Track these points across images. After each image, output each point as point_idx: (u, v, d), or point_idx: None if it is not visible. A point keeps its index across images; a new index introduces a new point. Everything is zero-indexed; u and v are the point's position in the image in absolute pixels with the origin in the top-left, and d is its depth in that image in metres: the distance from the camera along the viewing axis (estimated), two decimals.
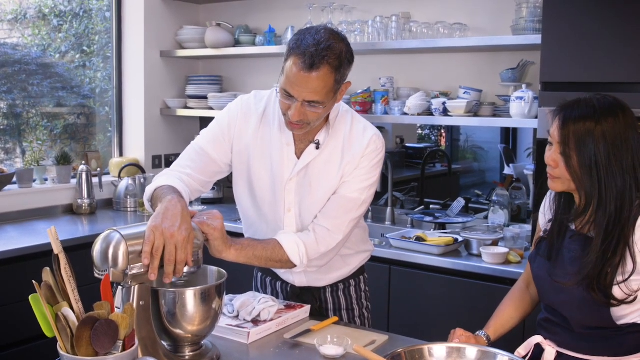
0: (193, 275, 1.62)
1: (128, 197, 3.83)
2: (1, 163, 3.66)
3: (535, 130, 2.87)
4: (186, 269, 1.54)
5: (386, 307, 2.90)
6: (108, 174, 4.06)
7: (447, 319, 2.73)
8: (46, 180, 3.67)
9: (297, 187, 1.88)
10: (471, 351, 1.51)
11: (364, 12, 3.58)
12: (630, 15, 2.39)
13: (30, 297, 1.30)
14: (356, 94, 3.43)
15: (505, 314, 1.80)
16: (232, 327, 1.77)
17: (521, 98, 2.88)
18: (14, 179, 3.47)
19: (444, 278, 2.76)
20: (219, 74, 4.25)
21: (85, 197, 3.66)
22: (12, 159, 3.76)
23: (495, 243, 2.82)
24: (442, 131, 3.82)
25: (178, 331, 1.56)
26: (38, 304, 1.30)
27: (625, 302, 1.52)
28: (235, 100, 1.96)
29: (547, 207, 1.76)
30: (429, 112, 3.24)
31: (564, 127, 1.56)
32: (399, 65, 3.56)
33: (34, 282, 1.30)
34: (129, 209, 3.82)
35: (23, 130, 3.77)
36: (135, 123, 4.09)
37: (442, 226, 3.25)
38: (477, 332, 1.75)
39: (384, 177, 3.46)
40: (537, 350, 1.70)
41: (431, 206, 3.55)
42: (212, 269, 1.71)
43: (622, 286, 1.52)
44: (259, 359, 1.67)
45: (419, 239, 2.90)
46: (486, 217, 3.26)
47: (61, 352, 1.27)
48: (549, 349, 1.66)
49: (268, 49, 3.73)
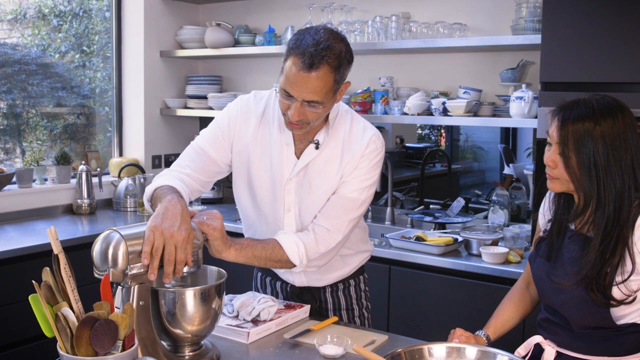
0: (193, 275, 1.62)
1: (128, 197, 3.83)
2: (1, 163, 3.65)
3: (535, 130, 2.87)
4: (186, 269, 1.54)
5: (386, 307, 2.90)
6: (108, 174, 4.07)
7: (446, 318, 2.73)
8: (46, 180, 3.67)
9: (297, 187, 1.88)
10: (471, 351, 1.51)
11: (364, 12, 3.58)
12: (630, 15, 2.39)
13: (30, 297, 1.30)
14: (356, 93, 3.43)
15: (505, 314, 1.80)
16: (232, 327, 1.77)
17: (521, 98, 2.88)
18: (14, 179, 3.47)
19: (444, 278, 2.76)
20: (219, 74, 4.25)
21: (85, 197, 3.66)
22: (12, 159, 3.76)
23: (495, 243, 2.82)
24: (442, 131, 3.82)
25: (178, 331, 1.56)
26: (38, 304, 1.30)
27: (625, 302, 1.52)
28: (235, 100, 1.96)
29: (546, 207, 1.76)
30: (428, 112, 3.24)
31: (562, 128, 1.55)
32: (398, 65, 3.56)
33: (33, 282, 1.30)
34: (128, 209, 3.82)
35: (23, 130, 3.77)
36: (135, 123, 4.10)
37: (441, 226, 3.25)
38: (477, 332, 1.75)
39: (384, 177, 3.46)
40: (536, 350, 1.70)
41: (431, 206, 3.55)
42: (212, 269, 1.71)
43: (621, 286, 1.51)
44: (259, 359, 1.67)
45: (419, 239, 2.90)
46: (486, 217, 3.26)
47: (61, 352, 1.27)
48: (549, 348, 1.66)
49: (268, 49, 3.73)
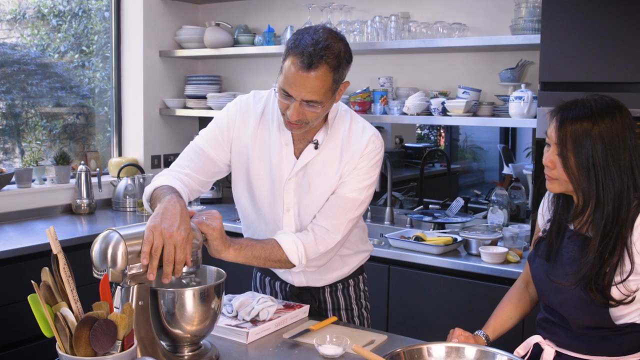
0: (192, 275, 1.62)
1: (127, 197, 3.83)
2: (0, 163, 3.65)
3: (534, 130, 2.87)
4: (185, 268, 1.54)
5: (385, 307, 2.90)
6: (107, 173, 4.06)
7: (446, 318, 2.73)
8: (45, 180, 3.67)
9: (296, 187, 1.88)
10: (470, 351, 1.51)
11: (363, 12, 3.58)
12: (629, 15, 2.39)
13: (29, 297, 1.30)
14: (355, 93, 3.43)
15: (504, 314, 1.80)
16: (231, 327, 1.77)
17: (520, 98, 2.88)
18: (13, 179, 3.47)
19: (443, 278, 2.76)
20: (218, 74, 4.25)
21: (84, 197, 3.66)
22: (11, 159, 3.76)
23: (494, 243, 2.82)
24: (441, 131, 3.82)
25: (177, 331, 1.56)
26: (37, 304, 1.30)
27: (624, 302, 1.52)
28: (234, 100, 1.96)
29: (545, 207, 1.76)
30: (428, 111, 3.24)
31: (561, 128, 1.55)
32: (398, 65, 3.56)
33: (32, 282, 1.30)
34: (127, 209, 3.82)
35: (22, 130, 3.77)
36: (134, 123, 4.09)
37: (441, 226, 3.25)
38: (476, 332, 1.75)
39: (383, 177, 3.46)
40: (536, 350, 1.70)
41: (430, 206, 3.55)
42: (211, 269, 1.71)
43: (620, 286, 1.51)
44: (258, 359, 1.67)
45: (418, 239, 2.90)
46: (485, 217, 3.26)
47: (60, 352, 1.27)
48: (548, 348, 1.66)
49: (267, 49, 3.73)
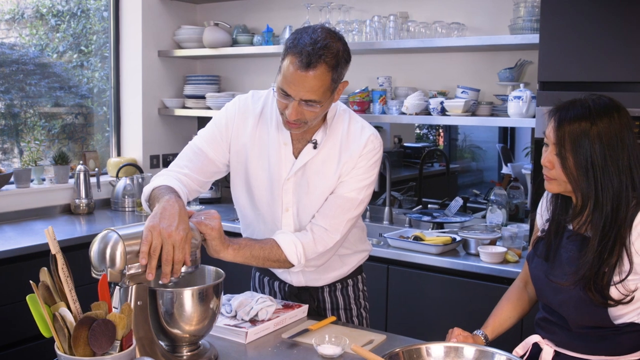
0: (190, 275, 1.62)
1: (126, 197, 3.82)
2: None
3: (533, 129, 2.87)
4: (184, 268, 1.54)
5: (384, 307, 2.90)
6: (106, 173, 4.06)
7: (444, 318, 2.73)
8: (44, 180, 3.67)
9: (295, 186, 1.88)
10: (469, 350, 1.51)
11: (362, 12, 3.58)
12: (628, 15, 2.39)
13: (27, 297, 1.30)
14: (354, 93, 3.43)
15: (503, 313, 1.80)
16: (230, 326, 1.77)
17: (519, 97, 2.88)
18: (12, 179, 3.47)
19: (442, 277, 2.76)
20: (217, 74, 4.25)
21: (83, 197, 3.66)
22: (10, 159, 3.75)
23: (493, 242, 2.82)
24: (440, 130, 3.82)
25: (176, 331, 1.56)
26: (35, 304, 1.29)
27: (622, 302, 1.52)
28: (233, 100, 1.96)
29: (544, 207, 1.76)
30: (426, 111, 3.24)
31: (559, 128, 1.55)
32: (396, 65, 3.56)
33: (31, 282, 1.30)
34: (126, 209, 3.82)
35: (21, 130, 3.76)
36: (133, 123, 4.09)
37: (440, 226, 3.25)
38: (475, 332, 1.75)
39: (382, 177, 3.46)
40: (534, 350, 1.70)
41: (429, 206, 3.55)
42: (210, 269, 1.71)
43: (619, 286, 1.51)
44: (257, 359, 1.67)
45: (417, 239, 2.90)
46: (484, 217, 3.26)
47: (58, 352, 1.27)
48: (547, 348, 1.66)
49: (266, 49, 3.73)
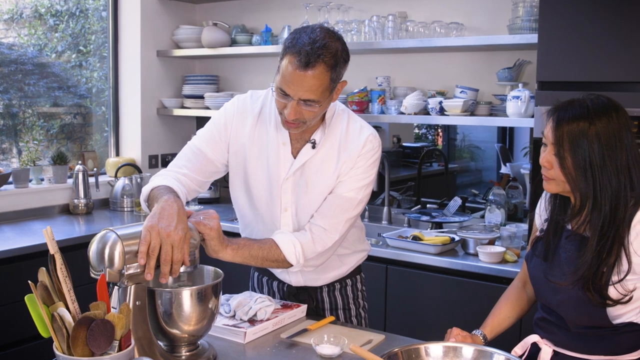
0: (189, 275, 1.62)
1: (124, 197, 3.82)
2: None
3: (531, 129, 2.87)
4: (182, 268, 1.54)
5: (383, 307, 2.90)
6: (104, 173, 4.06)
7: (443, 318, 2.73)
8: (42, 180, 3.66)
9: (294, 186, 1.88)
10: (468, 350, 1.51)
11: (361, 12, 3.58)
12: (627, 15, 2.39)
13: (26, 297, 1.30)
14: (353, 93, 3.43)
15: (502, 313, 1.80)
16: (229, 326, 1.77)
17: (518, 97, 2.88)
18: (10, 179, 3.46)
19: (441, 277, 2.76)
20: (216, 74, 4.25)
21: (82, 197, 3.66)
22: (9, 159, 3.75)
23: (491, 242, 2.82)
24: (439, 130, 3.83)
25: (174, 331, 1.55)
26: (34, 304, 1.29)
27: (621, 302, 1.52)
28: (232, 100, 1.96)
29: (542, 207, 1.76)
30: (425, 111, 3.24)
31: (557, 128, 1.55)
32: (395, 65, 3.56)
33: (29, 282, 1.30)
34: (125, 209, 3.82)
35: (19, 130, 3.76)
36: (132, 123, 4.09)
37: (438, 225, 3.25)
38: (474, 332, 1.75)
39: (381, 177, 3.46)
40: (533, 350, 1.70)
41: (428, 205, 3.55)
42: (209, 269, 1.71)
43: (618, 286, 1.52)
44: (256, 359, 1.66)
45: (416, 239, 2.90)
46: (483, 217, 3.26)
47: (57, 352, 1.26)
48: (546, 348, 1.66)
49: (264, 49, 3.73)
